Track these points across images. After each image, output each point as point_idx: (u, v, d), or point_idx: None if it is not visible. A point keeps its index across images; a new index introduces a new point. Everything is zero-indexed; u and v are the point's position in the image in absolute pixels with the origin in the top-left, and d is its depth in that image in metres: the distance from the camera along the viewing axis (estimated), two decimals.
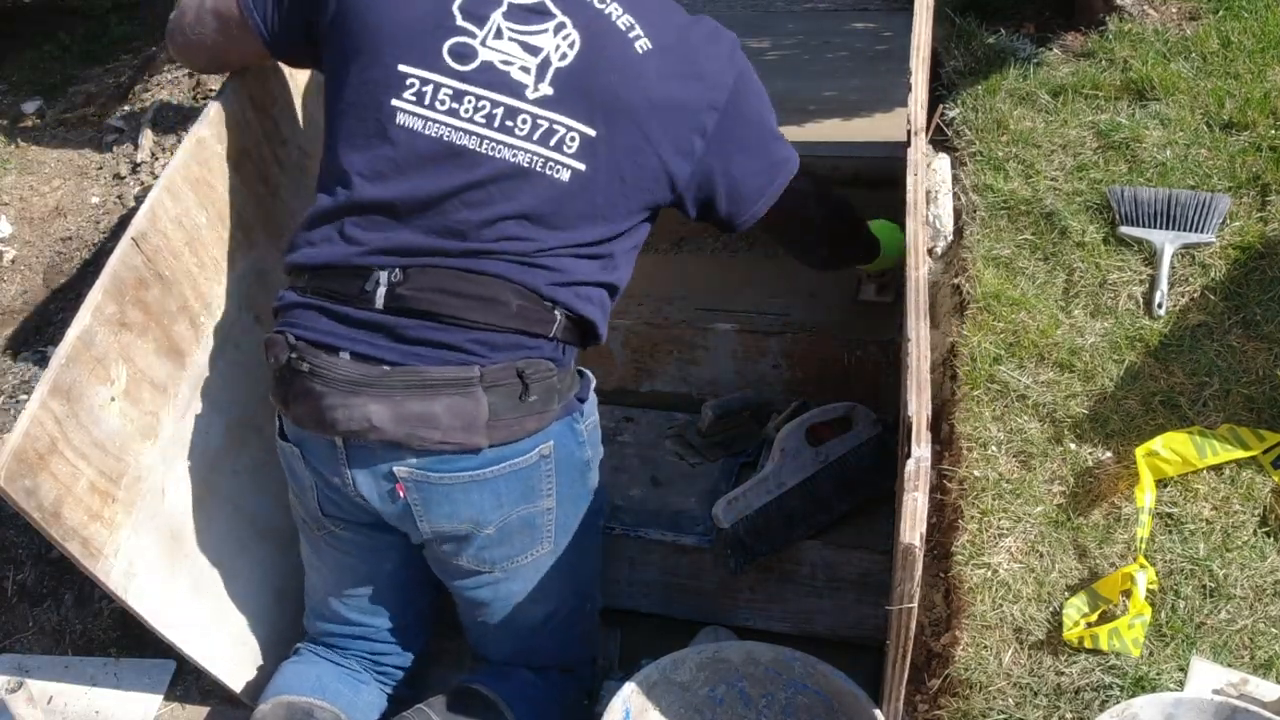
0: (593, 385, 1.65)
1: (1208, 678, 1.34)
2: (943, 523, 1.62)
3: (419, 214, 1.43)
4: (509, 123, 1.39)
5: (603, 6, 1.40)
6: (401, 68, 1.41)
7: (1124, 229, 1.86)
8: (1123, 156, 2.00)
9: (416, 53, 1.40)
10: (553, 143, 1.39)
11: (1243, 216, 1.85)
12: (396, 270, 1.42)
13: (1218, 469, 1.54)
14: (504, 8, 1.40)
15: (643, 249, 1.59)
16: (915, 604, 1.18)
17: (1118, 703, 1.30)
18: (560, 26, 1.39)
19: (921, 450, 1.23)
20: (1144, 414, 1.63)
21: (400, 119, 1.41)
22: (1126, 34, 2.26)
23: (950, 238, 1.99)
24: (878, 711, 1.47)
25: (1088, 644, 1.39)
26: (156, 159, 3.14)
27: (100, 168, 3.22)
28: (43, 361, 2.58)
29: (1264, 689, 1.32)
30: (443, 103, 1.40)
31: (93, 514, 1.51)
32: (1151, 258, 1.82)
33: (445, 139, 1.40)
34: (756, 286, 2.44)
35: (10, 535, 2.23)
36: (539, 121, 1.39)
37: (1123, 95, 2.12)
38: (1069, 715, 1.34)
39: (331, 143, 1.49)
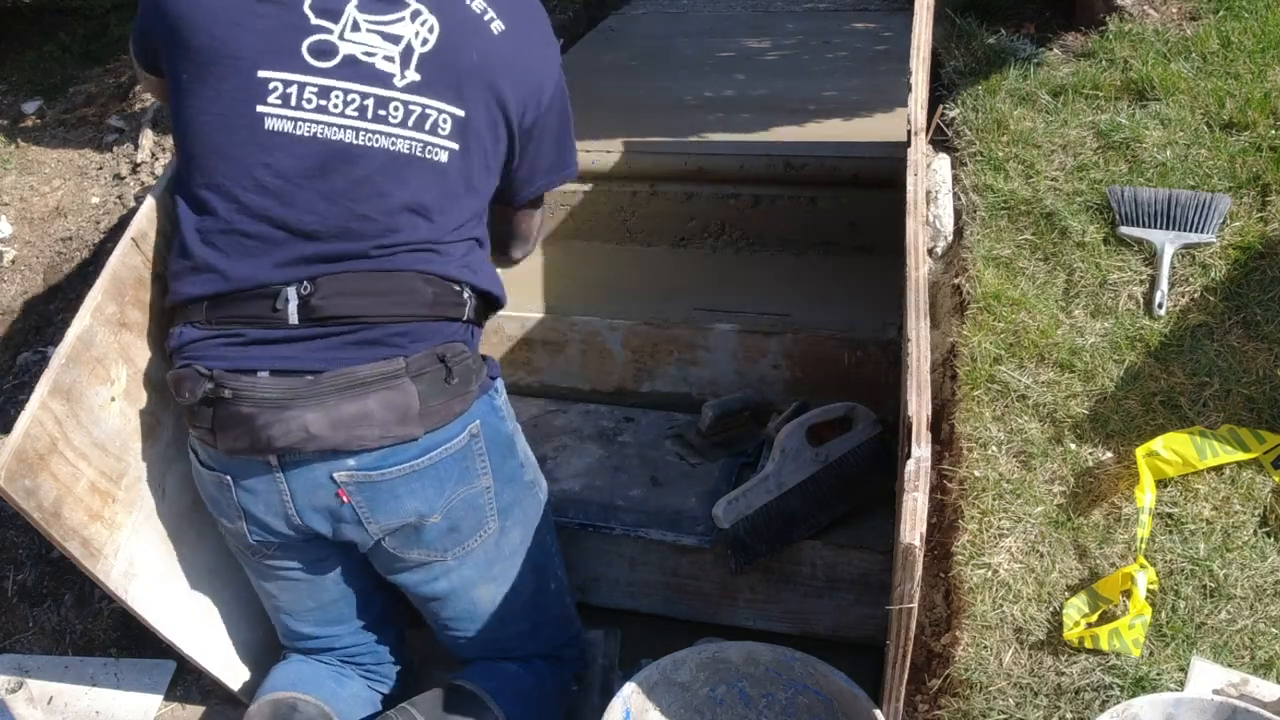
0: (497, 365, 1.70)
1: (1208, 678, 1.34)
2: (943, 523, 1.62)
3: (313, 220, 1.42)
4: (381, 112, 1.40)
5: None
6: (261, 73, 1.39)
7: (1124, 229, 1.86)
8: (1123, 156, 2.00)
9: (273, 56, 1.39)
10: (428, 126, 1.42)
11: (1243, 216, 1.85)
12: (305, 284, 1.42)
13: (1218, 469, 1.54)
14: (355, 1, 1.40)
15: (642, 248, 1.63)
16: (915, 604, 1.18)
17: (1118, 703, 1.30)
18: (416, 14, 1.41)
19: (921, 450, 1.23)
20: (1144, 414, 1.63)
21: (270, 123, 1.40)
22: (1127, 34, 2.26)
23: (950, 238, 1.99)
24: (878, 711, 1.47)
25: (1088, 644, 1.39)
26: (156, 159, 3.14)
27: (100, 168, 3.22)
28: (43, 361, 2.58)
29: (1264, 689, 1.31)
30: (309, 101, 1.39)
31: (93, 514, 1.51)
32: (1152, 258, 1.82)
33: (320, 136, 1.40)
34: (756, 286, 2.44)
35: (10, 535, 2.24)
36: (411, 107, 1.41)
37: (1123, 95, 2.12)
38: (1069, 715, 1.34)
39: (196, 160, 1.45)
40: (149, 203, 1.61)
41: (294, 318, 1.42)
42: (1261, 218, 1.84)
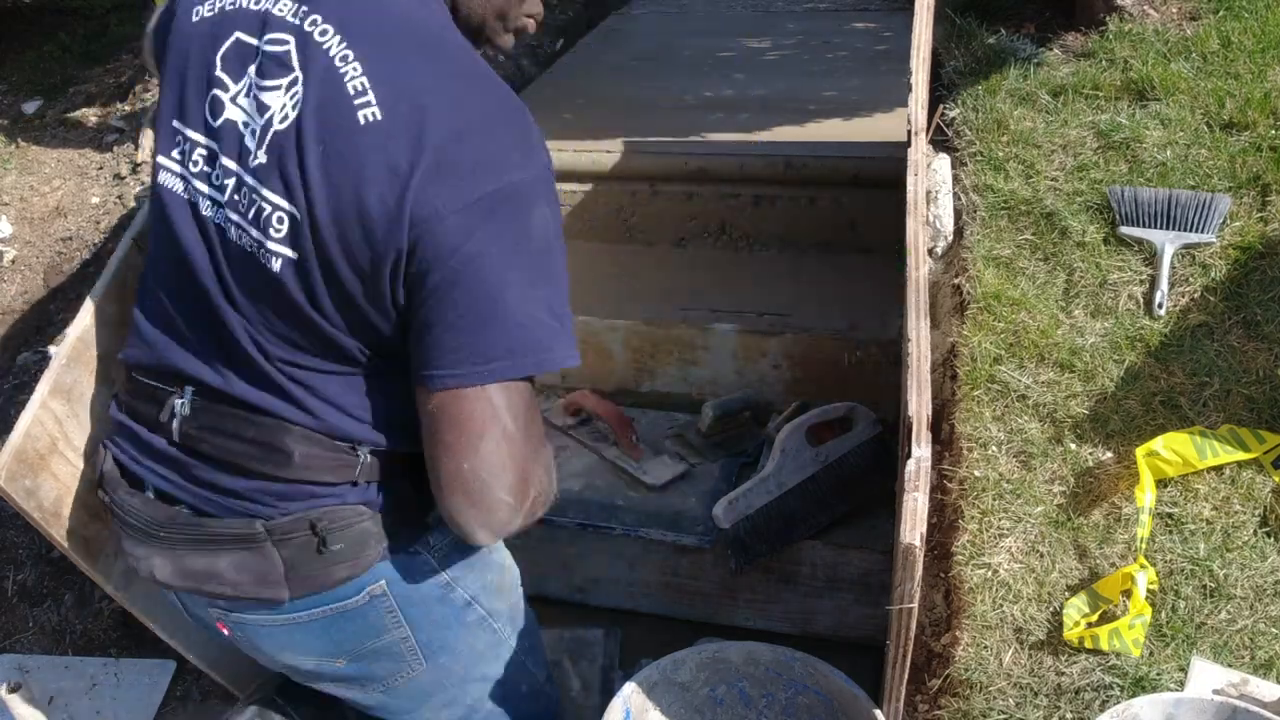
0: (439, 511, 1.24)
1: (1208, 678, 1.34)
2: (943, 523, 1.62)
3: (191, 318, 1.19)
4: (236, 196, 1.11)
5: (341, 65, 1.07)
6: (175, 122, 1.18)
7: (1124, 229, 1.86)
8: (1123, 156, 1.99)
9: (184, 104, 1.17)
10: (261, 221, 1.09)
11: (1243, 216, 1.85)
12: (184, 402, 1.20)
13: (1218, 469, 1.54)
14: (258, 61, 1.12)
15: (642, 248, 1.52)
16: (915, 604, 1.18)
17: (1118, 703, 1.30)
18: (294, 83, 1.09)
19: (922, 450, 1.23)
20: (1144, 414, 1.62)
21: (162, 177, 1.18)
22: (1127, 34, 2.26)
23: (950, 238, 1.99)
24: (878, 711, 1.46)
25: (1088, 644, 1.39)
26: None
27: (100, 168, 3.23)
28: (43, 361, 2.58)
29: (1264, 689, 1.31)
30: (196, 163, 1.15)
31: (93, 514, 1.51)
32: (1152, 258, 1.82)
33: (195, 203, 1.15)
34: (757, 287, 2.44)
35: (10, 535, 2.24)
36: (253, 196, 1.10)
37: (1123, 95, 2.12)
38: (1069, 715, 1.34)
39: None
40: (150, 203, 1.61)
41: (175, 435, 1.20)
42: (1261, 218, 1.84)
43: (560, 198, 2.89)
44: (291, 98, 1.09)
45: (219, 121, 1.13)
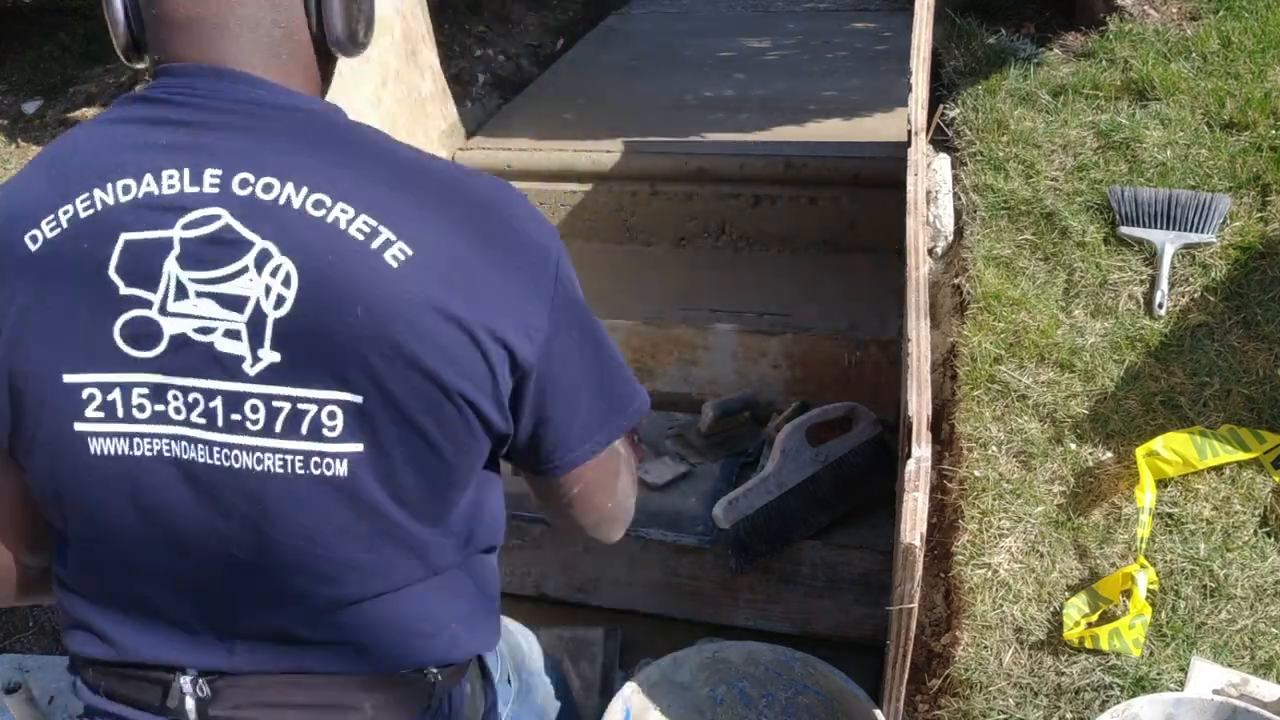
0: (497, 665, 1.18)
1: (1208, 678, 1.33)
2: (943, 523, 1.62)
3: (191, 597, 0.95)
4: (235, 416, 0.89)
5: (320, 212, 0.86)
6: (67, 379, 0.90)
7: (1124, 229, 1.86)
8: (1123, 156, 1.99)
9: (78, 351, 0.90)
10: (305, 429, 0.88)
11: (1243, 216, 1.85)
12: (201, 683, 0.97)
13: (1218, 469, 1.54)
14: (176, 250, 0.88)
15: (642, 248, 1.50)
16: (915, 604, 1.18)
17: (1118, 703, 1.30)
18: (264, 258, 0.87)
19: (922, 450, 1.24)
20: (1144, 414, 1.62)
21: (95, 447, 0.90)
22: (1127, 34, 2.26)
23: (950, 238, 1.99)
24: (878, 711, 1.47)
25: (1088, 644, 1.39)
26: None
27: None
28: None
29: (1264, 689, 1.31)
30: (142, 408, 0.90)
31: None
32: (1152, 258, 1.82)
33: (168, 456, 0.90)
34: (756, 287, 2.44)
35: None
36: (276, 405, 0.88)
37: (1123, 95, 2.12)
38: (1069, 715, 1.34)
39: (62, 537, 0.98)
40: None
41: (192, 715, 0.97)
42: (1261, 218, 1.84)
43: (562, 198, 2.89)
44: (274, 273, 0.87)
45: (159, 347, 0.88)
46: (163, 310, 0.88)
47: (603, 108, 3.07)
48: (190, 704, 0.97)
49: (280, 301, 0.86)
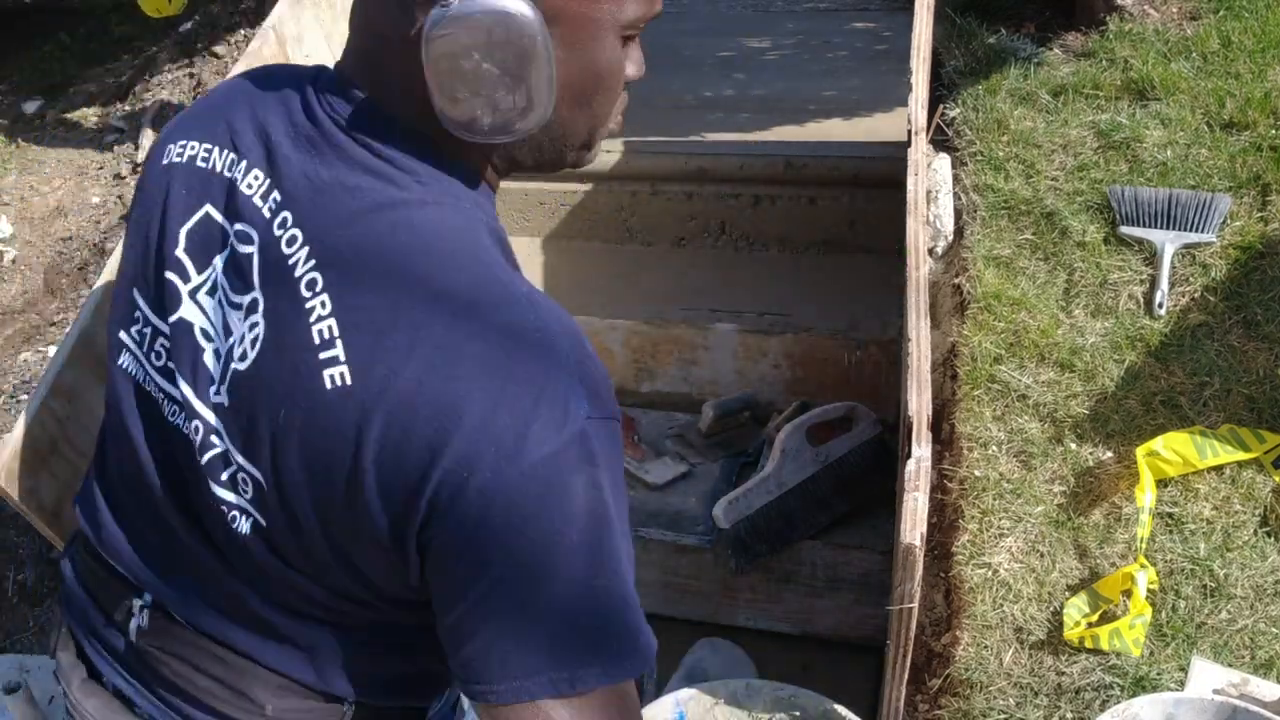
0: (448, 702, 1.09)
1: (1208, 678, 1.33)
2: (943, 523, 1.62)
3: (149, 522, 0.96)
4: (194, 424, 0.88)
5: (306, 294, 0.81)
6: (134, 292, 0.94)
7: (1124, 229, 1.86)
8: (1123, 156, 1.99)
9: (144, 273, 0.93)
10: (226, 476, 0.87)
11: (1243, 216, 1.85)
12: (144, 609, 0.97)
13: (1218, 469, 1.54)
14: (227, 253, 0.87)
15: (642, 248, 1.49)
16: (915, 604, 1.18)
17: (1118, 703, 1.30)
18: (252, 307, 0.84)
19: (922, 450, 1.23)
20: (1144, 414, 1.62)
21: (122, 359, 0.95)
22: (1127, 34, 2.26)
23: (950, 238, 1.99)
24: None
25: (1088, 644, 1.39)
26: None
27: (100, 168, 3.23)
28: (43, 361, 2.58)
29: (1264, 689, 1.31)
30: (159, 355, 0.91)
31: None
32: (1152, 258, 1.82)
33: (157, 402, 0.92)
34: (756, 286, 2.44)
35: (10, 535, 2.24)
36: (213, 440, 0.87)
37: (1123, 95, 2.12)
38: (1069, 715, 1.34)
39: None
40: None
41: (133, 636, 0.97)
42: (1262, 217, 1.84)
43: (562, 198, 2.88)
44: (251, 329, 0.84)
45: (173, 317, 0.89)
46: (193, 294, 0.88)
47: None
48: (133, 625, 0.97)
49: (244, 356, 0.84)
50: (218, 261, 0.87)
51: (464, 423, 0.75)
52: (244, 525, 0.87)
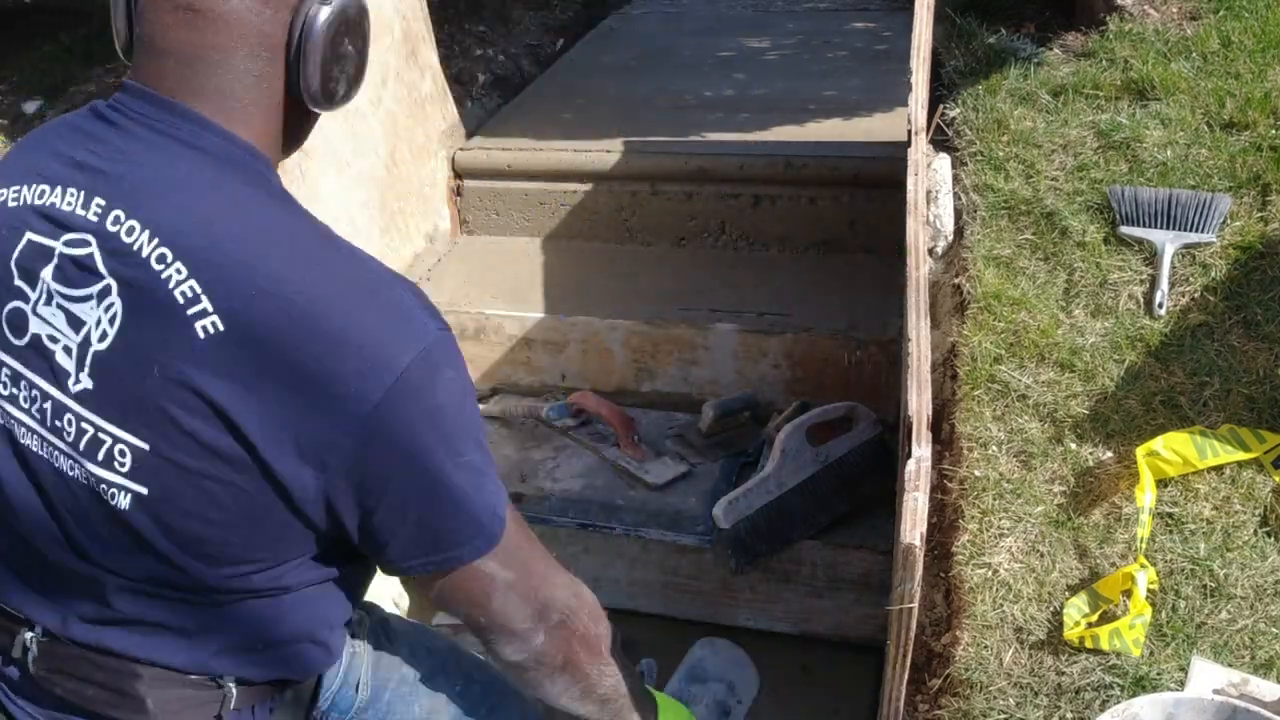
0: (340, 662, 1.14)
1: (1208, 678, 1.33)
2: (943, 523, 1.62)
3: (20, 553, 1.04)
4: (57, 423, 0.97)
5: (159, 267, 0.91)
6: None
7: (1124, 229, 1.86)
8: (1123, 156, 1.99)
9: None
10: (101, 456, 0.94)
11: (1243, 216, 1.85)
12: (34, 639, 1.05)
13: (1218, 469, 1.54)
14: (54, 262, 0.96)
15: (642, 248, 1.48)
16: (916, 604, 1.18)
17: (1118, 703, 1.30)
18: (105, 292, 0.94)
19: (922, 450, 1.23)
20: (1144, 414, 1.62)
21: None
22: (1127, 34, 2.26)
23: (950, 238, 1.99)
24: None
25: (1088, 644, 1.39)
26: None
27: None
28: None
29: (1264, 689, 1.31)
30: (5, 385, 0.99)
31: None
32: (1152, 258, 1.82)
33: (10, 430, 1.00)
34: (756, 286, 2.44)
35: None
36: (83, 426, 0.95)
37: (1123, 95, 2.12)
38: (1069, 715, 1.34)
39: None
40: None
41: (31, 668, 1.05)
42: (1262, 217, 1.84)
43: (562, 198, 2.89)
44: (107, 311, 0.93)
45: (24, 338, 0.97)
46: (34, 310, 0.97)
47: (603, 108, 3.07)
48: (30, 658, 1.04)
49: (104, 336, 0.93)
50: (45, 274, 0.96)
51: (339, 350, 0.90)
52: (123, 501, 0.95)
